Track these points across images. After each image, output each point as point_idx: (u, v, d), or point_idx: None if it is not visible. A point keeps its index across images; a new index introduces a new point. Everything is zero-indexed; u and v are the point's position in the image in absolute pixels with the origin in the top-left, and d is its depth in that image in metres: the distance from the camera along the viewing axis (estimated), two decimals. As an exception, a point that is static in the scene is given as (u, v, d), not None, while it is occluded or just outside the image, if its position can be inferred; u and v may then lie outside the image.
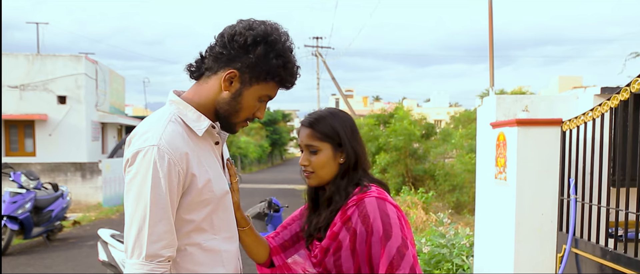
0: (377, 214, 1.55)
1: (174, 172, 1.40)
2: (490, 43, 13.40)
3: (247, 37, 1.45)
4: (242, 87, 1.49)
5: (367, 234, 1.55)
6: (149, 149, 1.39)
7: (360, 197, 1.60)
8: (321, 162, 1.67)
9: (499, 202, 4.26)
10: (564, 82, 17.39)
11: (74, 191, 11.95)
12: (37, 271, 6.44)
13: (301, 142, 1.71)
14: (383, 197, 1.61)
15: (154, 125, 1.45)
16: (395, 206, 1.61)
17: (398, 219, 1.57)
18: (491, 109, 4.35)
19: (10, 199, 7.36)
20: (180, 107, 1.52)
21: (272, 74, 1.48)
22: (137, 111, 31.63)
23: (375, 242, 1.53)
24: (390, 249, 1.52)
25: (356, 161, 1.68)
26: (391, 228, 1.53)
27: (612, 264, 3.04)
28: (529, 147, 3.84)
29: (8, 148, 14.57)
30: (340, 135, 1.67)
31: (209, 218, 1.52)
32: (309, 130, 1.68)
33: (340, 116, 1.72)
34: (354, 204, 1.60)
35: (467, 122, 19.75)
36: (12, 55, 14.39)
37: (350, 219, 1.59)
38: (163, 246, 1.39)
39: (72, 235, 9.02)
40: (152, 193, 1.37)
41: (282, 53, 1.48)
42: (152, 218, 1.38)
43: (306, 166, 1.69)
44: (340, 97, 34.57)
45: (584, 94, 3.97)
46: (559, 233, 3.75)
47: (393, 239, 1.52)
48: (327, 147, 1.67)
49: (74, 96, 14.48)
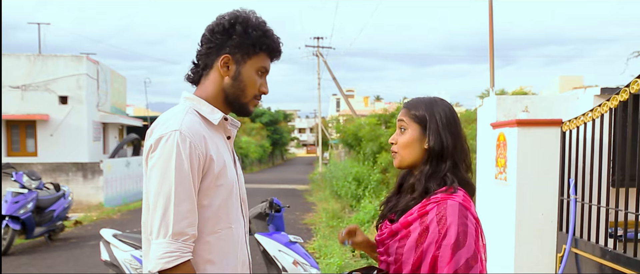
0: (455, 220, 1.50)
1: (195, 155, 1.48)
2: (490, 43, 13.41)
3: (224, 24, 1.61)
4: (239, 67, 1.63)
5: (440, 236, 1.50)
6: (171, 133, 1.48)
7: (444, 197, 1.55)
8: (405, 142, 1.65)
9: (499, 202, 4.27)
10: (564, 82, 17.38)
11: (76, 191, 11.97)
12: (39, 271, 6.45)
13: (398, 119, 1.72)
14: (467, 205, 1.55)
15: (173, 116, 1.56)
16: (476, 219, 1.56)
17: (475, 231, 1.52)
18: (491, 110, 4.36)
19: (12, 199, 7.38)
20: (195, 102, 1.63)
21: (258, 44, 1.62)
22: (139, 111, 31.63)
23: (445, 246, 1.48)
24: (459, 258, 1.47)
25: (442, 150, 1.61)
26: (466, 238, 1.49)
27: (612, 264, 3.06)
28: (529, 147, 3.85)
29: (10, 148, 14.59)
30: (428, 119, 1.63)
31: (225, 204, 1.58)
32: (405, 109, 1.70)
33: (439, 103, 1.68)
34: (436, 202, 1.55)
35: (468, 123, 19.75)
36: (13, 55, 14.41)
37: (428, 214, 1.54)
38: (188, 224, 1.46)
39: (74, 235, 9.04)
40: (177, 174, 1.45)
41: (258, 25, 1.62)
42: (177, 198, 1.45)
43: (393, 144, 1.70)
44: (341, 97, 34.56)
45: (584, 94, 3.99)
46: (559, 233, 3.76)
47: (464, 249, 1.47)
48: (415, 129, 1.65)
49: (75, 96, 14.49)
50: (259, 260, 4.51)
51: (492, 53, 13.40)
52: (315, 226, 9.40)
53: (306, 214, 11.35)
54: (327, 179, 16.77)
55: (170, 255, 1.42)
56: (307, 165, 37.29)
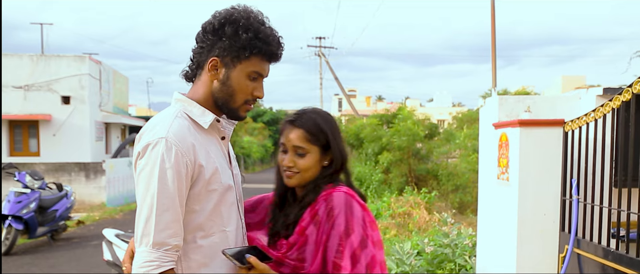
0: (342, 209, 1.55)
1: (182, 163, 1.45)
2: (492, 43, 13.40)
3: (214, 24, 1.53)
4: (228, 71, 1.55)
5: (329, 227, 1.55)
6: (157, 141, 1.45)
7: (329, 192, 1.61)
8: (308, 165, 1.65)
9: (502, 202, 4.26)
10: (567, 82, 17.38)
11: (78, 191, 11.99)
12: (41, 270, 6.47)
13: (288, 143, 1.66)
14: (351, 194, 1.61)
15: (162, 120, 1.52)
16: (363, 206, 1.61)
17: (362, 219, 1.57)
18: (493, 110, 4.36)
19: (15, 198, 7.40)
20: (185, 104, 1.58)
21: (249, 48, 1.52)
22: (141, 111, 31.67)
23: (335, 235, 1.53)
24: (352, 243, 1.52)
25: (342, 163, 1.70)
26: (353, 225, 1.54)
27: (614, 265, 3.05)
28: (531, 147, 3.85)
29: (12, 148, 14.63)
30: (329, 138, 1.67)
31: (218, 209, 1.56)
32: (300, 131, 1.65)
33: (327, 117, 1.72)
34: (323, 199, 1.60)
35: (470, 123, 19.72)
36: (16, 55, 14.45)
37: (318, 213, 1.59)
38: (169, 235, 1.44)
39: (76, 235, 9.06)
40: (160, 183, 1.43)
41: (250, 26, 1.52)
42: (159, 207, 1.43)
43: (291, 168, 1.66)
44: (343, 97, 34.55)
45: (587, 94, 3.98)
46: (561, 234, 3.75)
47: (354, 236, 1.53)
48: (316, 150, 1.66)
49: (77, 96, 14.52)
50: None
51: (494, 53, 13.39)
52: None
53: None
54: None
55: (150, 264, 1.42)
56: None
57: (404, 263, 5.13)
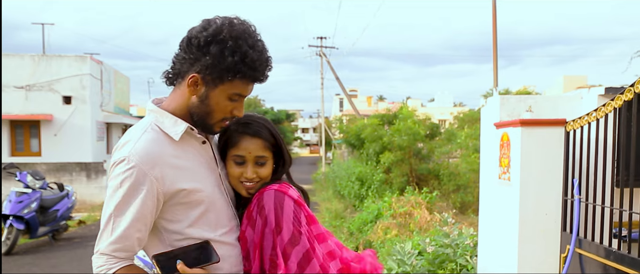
0: (271, 207, 1.55)
1: (145, 182, 1.45)
2: (494, 43, 13.38)
3: (200, 39, 1.44)
4: (208, 90, 1.49)
5: (262, 226, 1.55)
6: (121, 160, 1.45)
7: (261, 192, 1.59)
8: (268, 173, 1.67)
9: (503, 202, 4.25)
10: (568, 82, 17.37)
11: (79, 190, 12.01)
12: (43, 270, 6.48)
13: (248, 155, 1.62)
14: (283, 190, 1.60)
15: (131, 136, 1.51)
16: (296, 201, 1.60)
17: (294, 213, 1.57)
18: (495, 110, 4.35)
19: (16, 198, 7.41)
20: (158, 115, 1.55)
21: (233, 71, 1.45)
22: (142, 111, 31.69)
23: (268, 233, 1.54)
24: (282, 241, 1.53)
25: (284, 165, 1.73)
26: (282, 221, 1.54)
27: (616, 265, 3.04)
28: (533, 147, 3.84)
29: (14, 148, 14.65)
30: (279, 142, 1.69)
31: (204, 216, 1.55)
32: (259, 140, 1.63)
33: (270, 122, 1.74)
34: (256, 198, 1.60)
35: (472, 122, 19.72)
36: (17, 55, 14.47)
37: (252, 214, 1.59)
38: (116, 249, 1.47)
39: (78, 235, 9.06)
40: (118, 203, 1.45)
41: (237, 49, 1.43)
42: (114, 222, 1.46)
43: (253, 179, 1.63)
44: (344, 97, 34.55)
45: (588, 94, 3.97)
46: (563, 233, 3.75)
47: (284, 232, 1.54)
48: (270, 157, 1.68)
49: (79, 96, 14.54)
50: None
51: (495, 53, 13.37)
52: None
53: (309, 214, 11.33)
54: (330, 179, 16.79)
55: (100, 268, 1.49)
56: (310, 165, 37.28)
57: (405, 263, 5.12)
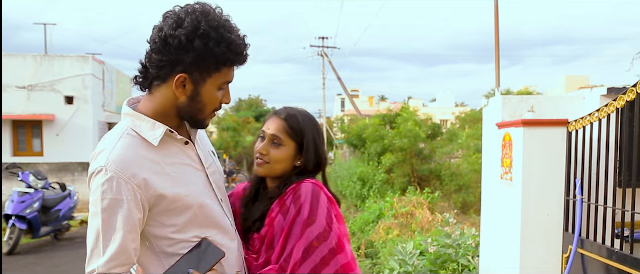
0: (308, 198, 1.56)
1: (126, 190, 1.39)
2: (495, 43, 13.35)
3: (180, 37, 1.37)
4: (197, 86, 1.45)
5: (295, 214, 1.56)
6: (98, 171, 1.39)
7: (298, 183, 1.63)
8: (280, 157, 1.67)
9: (505, 202, 4.26)
10: (570, 82, 17.35)
11: (81, 190, 11.99)
12: (45, 270, 6.49)
13: (267, 131, 1.69)
14: (320, 186, 1.62)
15: (107, 144, 1.44)
16: (329, 198, 1.62)
17: (327, 210, 1.57)
18: (497, 110, 4.35)
19: (18, 198, 7.42)
20: (134, 118, 1.49)
21: (221, 61, 1.43)
22: (143, 111, 31.70)
23: (297, 223, 1.54)
24: (310, 234, 1.52)
25: (316, 166, 1.71)
26: (316, 215, 1.54)
27: (618, 265, 3.04)
28: (535, 147, 3.84)
29: (16, 148, 14.67)
30: (306, 139, 1.68)
31: (193, 220, 1.51)
32: (282, 122, 1.68)
33: (312, 120, 1.74)
34: (291, 189, 1.62)
35: (473, 122, 19.72)
36: (20, 55, 14.49)
37: (286, 203, 1.60)
38: (115, 265, 1.40)
39: (80, 234, 9.08)
40: (103, 215, 1.38)
41: (221, 38, 1.41)
42: (104, 239, 1.39)
43: (263, 155, 1.67)
44: (345, 97, 34.54)
45: (590, 94, 3.97)
46: (565, 234, 3.75)
47: (315, 225, 1.53)
48: (291, 146, 1.68)
49: (81, 96, 14.55)
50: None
51: (497, 53, 13.34)
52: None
53: (311, 214, 11.34)
54: (332, 179, 16.79)
55: None
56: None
57: (406, 263, 5.13)
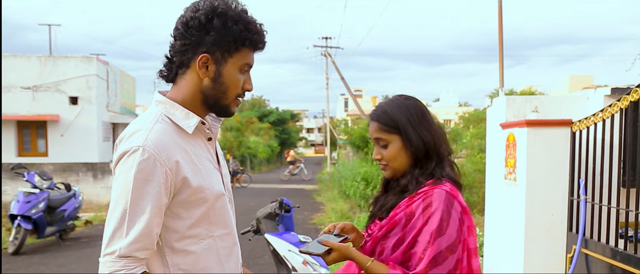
0: (440, 207, 1.51)
1: (160, 173, 1.38)
2: (500, 43, 13.31)
3: (200, 18, 1.42)
4: (219, 67, 1.47)
5: (423, 222, 1.51)
6: (134, 150, 1.37)
7: (431, 187, 1.57)
8: (392, 155, 1.65)
9: (509, 202, 4.26)
10: (574, 82, 17.26)
11: (86, 191, 12.07)
12: (50, 270, 6.52)
13: (371, 136, 1.71)
14: (454, 194, 1.56)
15: (141, 126, 1.44)
16: (463, 208, 1.56)
17: (459, 221, 1.52)
18: (501, 110, 4.36)
19: (24, 199, 7.46)
20: (167, 106, 1.49)
21: (240, 39, 1.45)
22: (147, 112, 31.79)
23: (426, 231, 1.50)
24: (440, 244, 1.48)
25: (426, 150, 1.64)
26: (448, 226, 1.49)
27: (622, 265, 3.04)
28: (539, 147, 3.84)
29: (21, 149, 14.75)
30: (402, 126, 1.63)
31: (206, 214, 1.51)
32: (376, 124, 1.67)
33: (405, 104, 1.67)
34: (423, 192, 1.57)
35: (477, 122, 19.68)
36: (24, 56, 14.56)
37: (413, 205, 1.56)
38: (137, 248, 1.37)
39: (85, 234, 9.11)
40: (133, 194, 1.36)
41: (238, 17, 1.45)
42: (130, 219, 1.36)
43: (379, 160, 1.69)
44: (349, 97, 34.52)
45: (594, 94, 3.97)
46: (569, 234, 3.75)
47: (445, 237, 1.48)
48: (396, 139, 1.65)
49: (85, 97, 14.63)
50: (269, 260, 4.53)
51: (501, 53, 13.31)
52: (323, 226, 9.41)
53: (315, 214, 11.36)
54: (336, 179, 16.77)
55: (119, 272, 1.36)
56: (315, 165, 37.30)
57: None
